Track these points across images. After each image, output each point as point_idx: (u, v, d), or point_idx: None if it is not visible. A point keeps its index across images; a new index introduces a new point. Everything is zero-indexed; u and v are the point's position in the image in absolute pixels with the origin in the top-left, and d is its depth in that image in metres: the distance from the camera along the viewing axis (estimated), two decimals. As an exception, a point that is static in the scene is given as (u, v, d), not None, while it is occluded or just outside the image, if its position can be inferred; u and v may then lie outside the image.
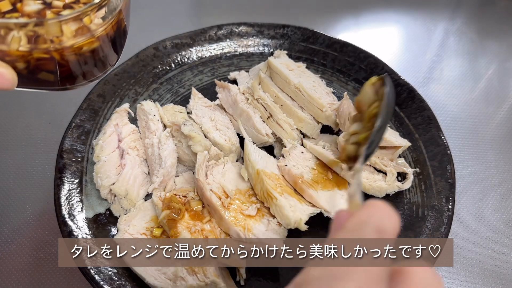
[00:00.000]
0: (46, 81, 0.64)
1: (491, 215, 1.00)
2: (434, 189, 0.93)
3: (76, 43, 0.61)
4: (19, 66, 0.59)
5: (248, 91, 1.05)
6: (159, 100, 1.11)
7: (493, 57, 1.42)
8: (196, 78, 1.17)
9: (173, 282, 0.75)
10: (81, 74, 0.67)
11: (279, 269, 0.83)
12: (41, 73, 0.62)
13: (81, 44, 0.62)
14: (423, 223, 0.88)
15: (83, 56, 0.64)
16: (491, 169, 1.09)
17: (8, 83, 0.56)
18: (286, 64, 1.09)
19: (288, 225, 0.79)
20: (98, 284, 0.75)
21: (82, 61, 0.65)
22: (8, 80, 0.56)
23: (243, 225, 0.79)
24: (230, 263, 0.78)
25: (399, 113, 1.08)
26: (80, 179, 0.91)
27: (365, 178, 0.92)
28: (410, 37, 1.50)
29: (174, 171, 0.91)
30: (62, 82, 0.66)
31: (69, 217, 0.83)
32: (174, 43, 1.19)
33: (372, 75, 1.14)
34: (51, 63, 0.61)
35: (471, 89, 1.31)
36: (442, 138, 0.99)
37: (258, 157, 0.89)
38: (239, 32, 1.26)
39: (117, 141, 0.95)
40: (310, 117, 1.01)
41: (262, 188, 0.83)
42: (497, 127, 1.20)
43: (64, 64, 0.62)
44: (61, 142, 0.93)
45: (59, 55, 0.60)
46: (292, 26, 1.24)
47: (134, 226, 0.82)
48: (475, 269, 0.91)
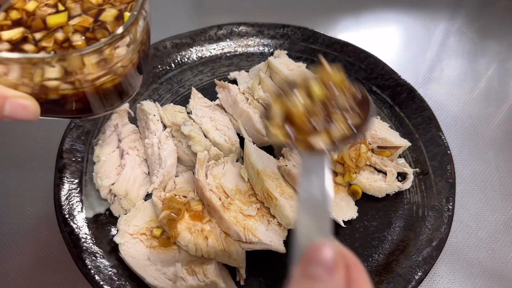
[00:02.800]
0: (65, 112, 0.63)
1: (491, 215, 1.00)
2: (434, 189, 0.93)
3: (99, 78, 0.59)
4: (41, 98, 0.58)
5: (248, 91, 1.05)
6: (159, 100, 1.11)
7: (493, 57, 1.42)
8: (196, 78, 1.17)
9: (173, 282, 0.75)
10: (99, 106, 0.65)
11: (279, 269, 0.83)
12: (65, 104, 0.61)
13: (104, 81, 0.60)
14: (423, 223, 0.88)
15: (106, 90, 0.62)
16: (491, 169, 1.09)
17: (32, 114, 0.56)
18: (286, 64, 1.09)
19: (288, 225, 0.79)
20: (98, 284, 0.75)
21: (105, 93, 0.63)
22: (31, 112, 0.56)
23: (243, 225, 0.79)
24: (230, 263, 0.79)
25: (399, 113, 1.08)
26: (80, 179, 0.91)
27: (365, 178, 0.93)
28: (410, 37, 1.50)
29: (174, 171, 0.91)
30: (78, 113, 0.65)
31: (69, 217, 0.83)
32: (174, 43, 1.19)
33: (372, 75, 1.15)
34: (73, 97, 0.60)
35: (471, 89, 1.31)
36: (442, 138, 0.99)
37: (258, 157, 0.89)
38: (239, 32, 1.26)
39: (117, 141, 0.95)
40: (310, 117, 1.01)
41: (262, 188, 0.83)
42: (497, 127, 1.20)
43: (84, 98, 0.61)
44: (61, 142, 0.93)
45: (81, 91, 0.59)
46: (292, 26, 1.24)
47: (134, 226, 0.82)
48: (475, 269, 0.91)
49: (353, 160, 0.88)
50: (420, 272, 0.79)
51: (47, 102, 0.59)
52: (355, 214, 0.90)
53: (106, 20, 0.63)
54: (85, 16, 0.63)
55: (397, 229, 0.89)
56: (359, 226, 0.90)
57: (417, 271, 0.80)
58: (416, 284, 0.78)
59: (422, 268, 0.80)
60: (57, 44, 0.60)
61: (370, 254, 0.86)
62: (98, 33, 0.62)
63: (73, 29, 0.62)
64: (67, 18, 0.63)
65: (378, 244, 0.87)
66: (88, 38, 0.61)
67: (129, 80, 0.65)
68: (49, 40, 0.60)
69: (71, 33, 0.61)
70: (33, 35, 0.61)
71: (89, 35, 0.61)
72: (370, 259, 0.85)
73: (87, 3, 0.65)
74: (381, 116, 1.09)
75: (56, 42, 0.60)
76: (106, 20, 0.63)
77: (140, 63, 0.67)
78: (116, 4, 0.65)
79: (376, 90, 1.14)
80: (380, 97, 1.13)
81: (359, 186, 0.91)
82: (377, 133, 0.95)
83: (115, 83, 0.62)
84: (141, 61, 0.67)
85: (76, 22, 0.62)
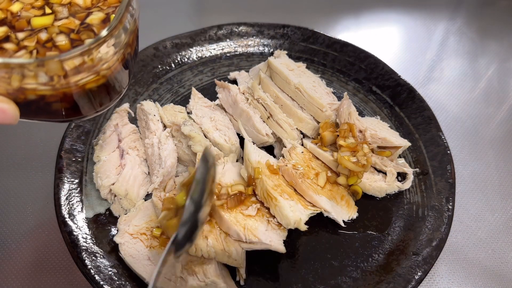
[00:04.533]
0: (51, 114, 0.62)
1: (491, 215, 1.00)
2: (434, 189, 0.93)
3: (81, 80, 0.57)
4: (21, 100, 0.56)
5: (248, 91, 1.05)
6: (159, 100, 1.11)
7: (493, 57, 1.42)
8: (196, 78, 1.17)
9: (173, 282, 0.75)
10: (88, 107, 0.64)
11: (279, 269, 0.83)
12: (48, 105, 0.59)
13: (86, 81, 0.58)
14: (423, 223, 0.88)
15: (89, 91, 0.61)
16: (491, 169, 1.09)
17: (11, 118, 0.55)
18: (286, 64, 1.08)
19: (288, 225, 0.79)
20: (98, 284, 0.75)
21: (89, 96, 0.61)
22: (10, 115, 0.55)
23: (243, 225, 0.79)
24: (230, 263, 0.79)
25: (399, 113, 1.08)
26: (80, 179, 0.91)
27: (365, 178, 0.92)
28: (410, 37, 1.50)
29: (174, 171, 0.91)
30: (68, 115, 0.63)
31: (69, 217, 0.83)
32: (174, 43, 1.19)
33: (372, 75, 1.15)
34: (54, 98, 0.58)
35: (471, 89, 1.31)
36: (442, 138, 0.99)
37: (258, 157, 0.89)
38: (239, 32, 1.26)
39: (117, 141, 0.95)
40: (310, 117, 1.01)
41: (262, 188, 0.83)
42: (497, 127, 1.20)
43: (68, 99, 0.59)
44: (61, 142, 0.93)
45: (62, 92, 0.57)
46: (292, 26, 1.24)
47: (134, 226, 0.82)
48: (475, 269, 0.91)
49: (363, 166, 0.88)
50: (420, 272, 0.79)
51: (28, 103, 0.57)
52: (355, 214, 0.90)
53: (92, 23, 0.62)
54: (72, 18, 0.63)
55: (397, 229, 0.89)
56: (359, 226, 0.90)
57: (417, 271, 0.80)
58: (416, 284, 0.78)
59: (422, 268, 0.80)
60: (39, 43, 0.59)
61: (370, 254, 0.86)
62: (83, 34, 0.61)
63: (58, 30, 0.61)
64: (53, 21, 0.62)
65: (378, 244, 0.87)
66: (72, 39, 0.60)
67: (116, 79, 0.64)
68: (31, 40, 0.59)
69: (55, 34, 0.60)
70: (16, 34, 0.60)
71: (74, 36, 0.61)
72: (370, 259, 0.85)
73: (75, 7, 0.64)
74: (381, 116, 1.09)
75: (38, 42, 0.59)
76: (93, 23, 0.62)
77: (128, 62, 0.66)
78: (104, 8, 0.64)
79: (376, 90, 1.14)
80: (380, 97, 1.13)
81: (359, 186, 0.91)
82: (377, 133, 0.95)
83: (100, 83, 0.61)
84: (129, 60, 0.66)
85: (62, 24, 0.62)
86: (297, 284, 0.81)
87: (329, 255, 0.85)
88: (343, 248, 0.86)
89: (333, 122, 0.98)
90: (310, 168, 0.92)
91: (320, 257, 0.85)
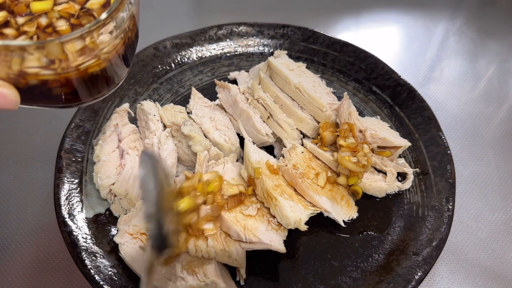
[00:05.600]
0: (51, 100, 0.62)
1: (491, 215, 1.00)
2: (434, 189, 0.93)
3: (82, 64, 0.57)
4: (22, 84, 0.56)
5: (248, 91, 1.05)
6: (159, 100, 1.11)
7: (493, 57, 1.42)
8: (196, 78, 1.17)
9: (173, 282, 0.75)
10: (87, 93, 0.64)
11: (279, 269, 0.83)
12: (49, 90, 0.59)
13: (87, 66, 0.58)
14: (423, 223, 0.88)
15: (90, 76, 0.60)
16: (491, 169, 1.09)
17: (11, 103, 0.55)
18: (286, 64, 1.08)
19: (288, 225, 0.79)
20: (98, 284, 0.75)
21: (89, 81, 0.61)
22: (10, 100, 0.54)
23: (243, 225, 0.79)
24: (230, 263, 0.78)
25: (399, 113, 1.08)
26: (80, 179, 0.91)
27: (365, 178, 0.92)
28: (410, 37, 1.50)
29: (174, 171, 0.91)
30: (67, 101, 0.63)
31: (69, 217, 0.83)
32: (174, 43, 1.19)
33: (372, 75, 1.15)
34: (55, 83, 0.58)
35: (471, 89, 1.31)
36: (442, 138, 0.99)
37: (258, 157, 0.89)
38: (239, 32, 1.26)
39: (117, 141, 0.95)
40: (310, 117, 1.01)
41: (262, 188, 0.83)
42: (497, 127, 1.20)
43: (69, 84, 0.59)
44: (61, 142, 0.93)
45: (64, 76, 0.57)
46: (292, 26, 1.24)
47: (134, 226, 0.82)
48: (475, 269, 0.91)
49: (364, 167, 0.87)
50: (420, 272, 0.79)
51: (29, 88, 0.57)
52: (355, 214, 0.90)
53: (92, 8, 0.62)
54: (72, 3, 0.62)
55: (397, 229, 0.89)
56: (359, 226, 0.90)
57: (417, 271, 0.80)
58: (416, 284, 0.78)
59: (422, 268, 0.80)
60: (39, 29, 0.58)
61: (370, 254, 0.86)
62: (83, 19, 0.60)
63: (58, 15, 0.60)
64: (52, 5, 0.62)
65: (378, 244, 0.87)
66: (72, 25, 0.60)
67: (114, 67, 0.64)
68: (32, 25, 0.59)
69: (56, 18, 0.60)
70: (16, 19, 0.59)
71: (74, 21, 0.60)
72: (370, 259, 0.85)
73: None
74: (381, 116, 1.09)
75: (38, 27, 0.59)
76: (93, 7, 0.62)
77: (126, 52, 0.65)
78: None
79: (376, 90, 1.14)
80: (380, 97, 1.13)
81: (359, 186, 0.91)
82: (377, 133, 0.95)
83: (100, 68, 0.60)
84: (127, 50, 0.66)
85: (61, 8, 0.61)
86: (297, 284, 0.81)
87: (329, 255, 0.85)
88: (343, 248, 0.86)
89: (333, 122, 0.98)
90: (310, 168, 0.92)
91: (320, 257, 0.85)
